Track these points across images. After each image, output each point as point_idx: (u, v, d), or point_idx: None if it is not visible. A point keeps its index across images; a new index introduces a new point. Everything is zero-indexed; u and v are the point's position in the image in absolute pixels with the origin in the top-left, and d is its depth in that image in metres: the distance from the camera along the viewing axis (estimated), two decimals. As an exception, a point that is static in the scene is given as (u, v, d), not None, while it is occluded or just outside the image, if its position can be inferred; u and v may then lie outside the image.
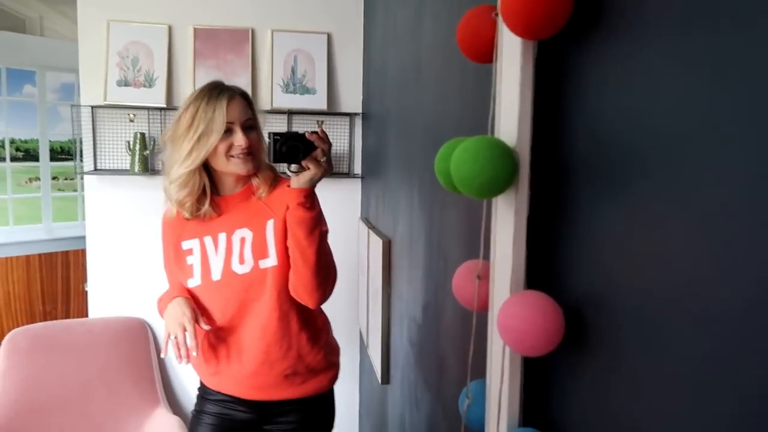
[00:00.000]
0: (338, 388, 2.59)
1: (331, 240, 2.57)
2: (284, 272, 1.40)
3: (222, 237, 1.42)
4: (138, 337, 2.43)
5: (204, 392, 1.53)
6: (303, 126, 2.38)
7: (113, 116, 2.32)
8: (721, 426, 0.38)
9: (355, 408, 2.57)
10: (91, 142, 2.31)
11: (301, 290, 1.38)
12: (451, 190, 0.63)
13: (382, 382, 1.76)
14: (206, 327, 1.42)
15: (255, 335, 1.41)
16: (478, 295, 0.67)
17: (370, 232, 1.97)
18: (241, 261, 1.41)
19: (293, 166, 1.28)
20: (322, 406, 1.52)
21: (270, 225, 1.41)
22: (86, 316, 2.46)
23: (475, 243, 0.87)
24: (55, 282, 3.61)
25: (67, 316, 3.66)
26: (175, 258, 1.46)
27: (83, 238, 3.52)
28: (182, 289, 1.47)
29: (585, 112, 0.54)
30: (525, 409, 0.61)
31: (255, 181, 1.42)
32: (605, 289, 0.51)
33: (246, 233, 1.41)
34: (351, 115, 2.43)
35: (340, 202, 2.47)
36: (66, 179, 4.08)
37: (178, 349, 1.35)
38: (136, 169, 2.27)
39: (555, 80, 0.59)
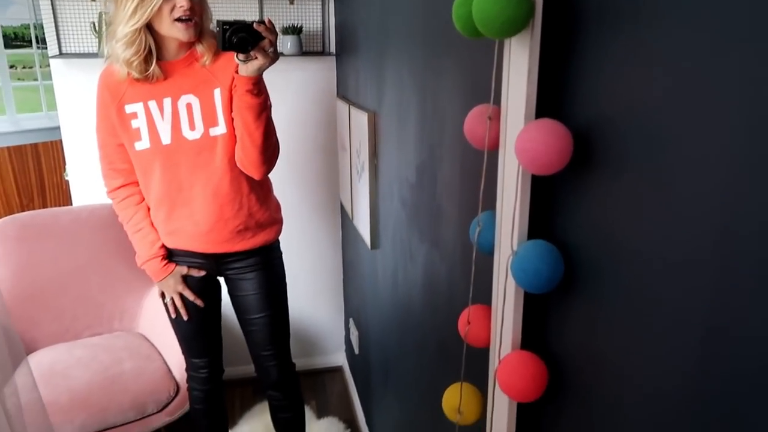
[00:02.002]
0: (324, 261, 2.74)
1: (306, 120, 2.62)
2: (234, 139, 1.55)
3: (167, 102, 1.52)
4: (125, 222, 2.49)
5: None
6: (273, 4, 2.32)
7: (74, -5, 2.21)
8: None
9: (339, 276, 2.74)
10: (53, 25, 2.22)
11: (249, 165, 1.55)
12: (467, 35, 0.69)
13: (372, 248, 1.89)
14: (198, 303, 1.69)
15: (208, 197, 1.58)
16: (489, 135, 0.76)
17: (351, 107, 2.01)
18: (192, 127, 1.52)
19: (241, 55, 1.35)
20: (272, 253, 1.74)
21: (218, 94, 1.53)
22: (67, 206, 2.49)
23: (477, 95, 0.94)
24: (28, 175, 3.57)
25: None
26: (118, 121, 1.55)
27: (51, 129, 3.46)
28: (152, 232, 1.65)
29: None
30: (532, 227, 0.72)
31: (199, 48, 1.52)
32: (607, 115, 0.60)
33: (192, 99, 1.51)
34: (323, -10, 2.37)
35: (315, 81, 2.47)
36: (24, 68, 3.90)
37: (175, 309, 1.69)
38: (105, 51, 2.20)
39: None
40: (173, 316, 1.71)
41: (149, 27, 1.44)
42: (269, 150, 1.54)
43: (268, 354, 1.77)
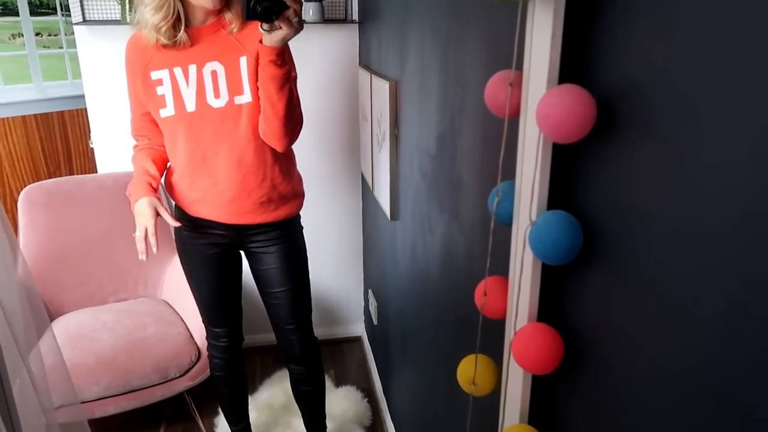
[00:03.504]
0: (344, 231, 2.76)
1: (328, 89, 2.60)
2: (259, 108, 1.52)
3: (192, 69, 1.51)
4: (148, 190, 2.53)
5: (180, 218, 1.67)
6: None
7: (97, -39, 2.20)
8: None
9: (359, 247, 2.75)
10: (76, -9, 2.22)
11: (271, 136, 1.53)
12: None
13: (392, 219, 1.88)
14: (173, 223, 1.59)
15: (231, 166, 1.56)
16: (510, 102, 0.73)
17: (373, 77, 1.98)
18: (216, 95, 1.51)
19: (265, 25, 1.33)
20: (293, 226, 1.73)
21: (243, 62, 1.51)
22: (92, 173, 2.52)
23: (500, 61, 0.92)
24: (55, 142, 3.62)
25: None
26: (143, 88, 1.55)
27: (77, 97, 3.49)
28: (145, 174, 1.60)
29: None
30: (551, 198, 0.71)
31: (228, 16, 1.50)
32: (633, 81, 0.57)
33: (217, 66, 1.50)
34: (346, -45, 2.33)
35: (337, 50, 2.45)
36: (50, 35, 3.92)
37: (144, 245, 1.55)
38: (128, 18, 2.21)
39: None
40: (142, 256, 1.56)
41: None
42: (292, 122, 1.52)
43: (290, 328, 1.78)
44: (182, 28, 1.46)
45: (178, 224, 1.61)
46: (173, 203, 1.70)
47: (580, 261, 0.68)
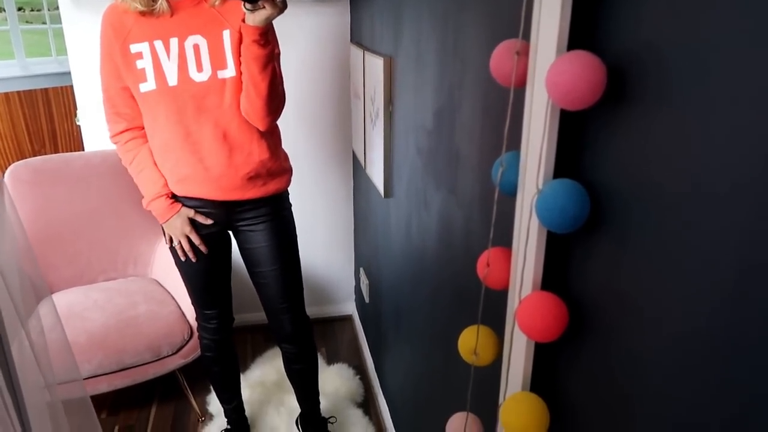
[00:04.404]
0: (335, 210, 2.75)
1: (319, 67, 2.57)
2: (242, 83, 1.50)
3: (174, 42, 1.48)
4: (137, 168, 2.49)
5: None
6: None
7: (81, -68, 2.15)
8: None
9: (350, 225, 2.75)
10: (61, -36, 2.16)
11: (253, 115, 1.52)
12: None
13: (386, 196, 1.88)
14: (203, 247, 1.65)
15: (218, 141, 1.54)
16: (516, 71, 0.73)
17: (366, 53, 1.97)
18: (199, 69, 1.49)
19: (248, 4, 1.31)
20: (282, 203, 1.72)
21: (227, 35, 1.48)
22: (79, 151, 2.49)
23: (503, 30, 0.91)
24: (39, 120, 3.56)
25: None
26: (122, 61, 1.51)
27: (61, 74, 3.42)
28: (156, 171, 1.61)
29: None
30: (557, 167, 0.71)
31: None
32: (646, 46, 0.57)
33: (199, 40, 1.48)
34: (337, -71, 2.29)
35: (328, 27, 2.42)
36: (33, 10, 3.83)
37: (184, 253, 1.65)
38: (115, -8, 2.15)
39: None
40: (182, 258, 1.66)
41: None
42: (275, 101, 1.50)
43: (282, 307, 1.76)
44: None
45: (205, 250, 1.67)
46: None
47: (585, 229, 0.69)
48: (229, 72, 1.49)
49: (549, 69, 0.61)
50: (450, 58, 1.18)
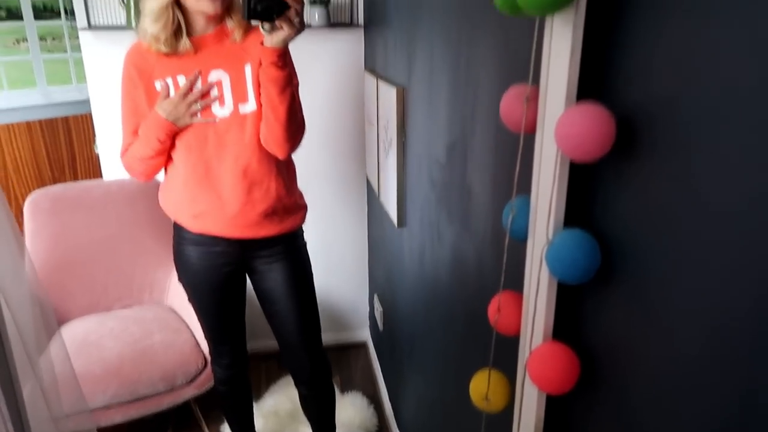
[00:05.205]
0: (349, 236, 2.74)
1: (333, 93, 2.58)
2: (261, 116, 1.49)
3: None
4: (154, 195, 2.52)
5: (181, 236, 1.64)
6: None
7: (102, -33, 2.20)
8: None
9: (364, 252, 2.74)
10: (82, -3, 2.21)
11: (272, 142, 1.50)
12: (508, 11, 0.65)
13: (399, 226, 1.87)
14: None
15: (237, 177, 1.52)
16: (526, 117, 0.72)
17: (379, 81, 1.97)
18: (221, 104, 1.48)
19: (266, 25, 1.31)
20: (297, 240, 1.70)
21: (248, 69, 1.49)
22: (98, 179, 2.52)
23: (514, 72, 0.91)
24: (60, 148, 3.62)
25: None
26: (146, 99, 1.51)
27: (82, 102, 3.48)
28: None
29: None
30: (567, 215, 0.69)
31: (229, 24, 1.49)
32: (655, 99, 0.56)
33: (222, 75, 1.48)
34: (352, -40, 2.32)
35: (342, 54, 2.44)
36: (54, 39, 3.92)
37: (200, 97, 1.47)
38: (133, 24, 2.20)
39: None
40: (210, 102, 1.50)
41: (178, 2, 1.41)
42: (293, 126, 1.50)
43: (299, 343, 1.73)
44: (184, 36, 1.44)
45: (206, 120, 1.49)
46: (172, 221, 1.66)
47: (597, 280, 0.67)
48: (250, 106, 1.49)
49: (558, 121, 0.60)
50: (462, 93, 1.17)
